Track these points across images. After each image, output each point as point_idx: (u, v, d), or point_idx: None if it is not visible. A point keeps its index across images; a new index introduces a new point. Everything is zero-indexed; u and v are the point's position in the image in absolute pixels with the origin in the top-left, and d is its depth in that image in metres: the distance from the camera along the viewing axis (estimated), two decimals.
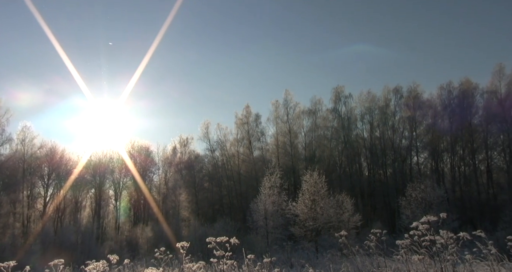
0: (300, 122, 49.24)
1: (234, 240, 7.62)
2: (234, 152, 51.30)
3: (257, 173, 45.63)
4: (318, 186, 28.36)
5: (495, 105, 42.56)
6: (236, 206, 48.26)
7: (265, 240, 29.08)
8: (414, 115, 45.90)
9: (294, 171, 46.72)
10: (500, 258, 6.90)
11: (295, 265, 18.90)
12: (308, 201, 28.03)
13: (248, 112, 50.46)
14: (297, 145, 49.31)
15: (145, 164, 50.80)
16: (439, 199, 30.33)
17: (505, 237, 8.01)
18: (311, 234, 27.83)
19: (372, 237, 8.49)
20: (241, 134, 50.75)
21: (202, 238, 20.88)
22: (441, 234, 6.63)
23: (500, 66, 43.20)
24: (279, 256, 20.80)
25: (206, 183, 52.83)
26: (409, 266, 7.07)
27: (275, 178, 31.21)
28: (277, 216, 29.92)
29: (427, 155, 47.46)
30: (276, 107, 49.17)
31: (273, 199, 30.07)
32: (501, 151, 42.93)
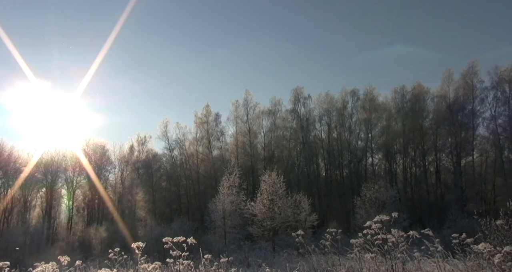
0: (260, 122, 49.58)
1: (191, 240, 7.59)
2: (193, 152, 50.87)
3: (216, 172, 45.49)
4: (277, 186, 28.62)
5: (444, 109, 44.62)
6: (194, 206, 47.86)
7: (223, 240, 29.04)
8: (370, 117, 47.35)
9: (253, 171, 46.95)
10: (445, 255, 7.28)
11: (252, 265, 19.00)
12: (266, 201, 28.23)
13: (208, 111, 50.20)
14: (256, 145, 49.59)
15: (100, 162, 49.32)
16: (392, 199, 31.43)
17: (450, 235, 8.44)
18: (268, 234, 28.05)
19: (327, 236, 8.68)
20: (201, 134, 50.44)
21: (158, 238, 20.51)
22: (392, 233, 6.91)
23: (449, 72, 45.39)
24: (237, 256, 20.80)
25: (164, 183, 52.06)
26: (362, 264, 7.31)
27: (234, 178, 31.24)
28: (235, 216, 29.96)
29: (381, 156, 49.11)
30: (236, 107, 49.25)
31: (232, 199, 30.09)
32: (449, 153, 45.05)
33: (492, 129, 43.74)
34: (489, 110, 44.05)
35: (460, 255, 7.39)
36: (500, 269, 5.81)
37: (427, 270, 7.30)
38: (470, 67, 44.30)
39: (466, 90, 44.00)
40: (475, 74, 44.15)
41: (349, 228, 34.41)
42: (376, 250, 7.02)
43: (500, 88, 43.28)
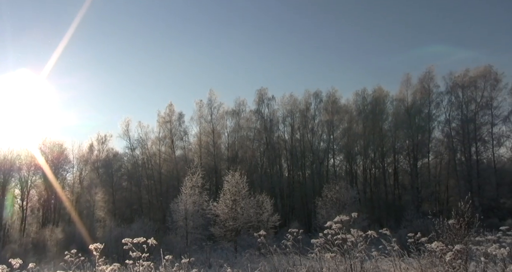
0: (224, 122, 49.50)
1: (152, 241, 7.46)
2: (155, 151, 50.06)
3: (179, 172, 44.97)
4: (240, 186, 28.65)
5: (402, 112, 46.19)
6: (155, 206, 47.10)
7: (185, 240, 28.74)
8: (332, 119, 48.25)
9: (216, 171, 46.76)
10: (401, 253, 7.55)
11: (214, 265, 18.92)
12: (229, 201, 28.19)
13: (171, 110, 49.53)
14: (220, 145, 49.43)
15: (58, 161, 47.56)
16: (352, 199, 32.16)
17: (406, 234, 8.76)
18: (230, 234, 28.03)
19: (289, 237, 8.77)
20: (164, 133, 49.70)
21: (118, 239, 20.04)
22: (352, 233, 7.08)
23: (408, 76, 47.04)
24: (198, 257, 20.65)
25: (125, 183, 50.94)
26: (322, 264, 7.45)
27: (196, 178, 30.98)
28: (198, 216, 29.73)
29: (343, 158, 50.15)
30: (200, 107, 48.88)
31: (194, 199, 29.83)
32: (406, 155, 46.64)
33: (446, 132, 45.75)
34: (444, 114, 46.09)
35: (415, 254, 7.66)
36: (451, 267, 6.09)
37: (384, 269, 7.53)
38: (427, 72, 46.14)
39: (423, 94, 45.73)
40: (431, 79, 46.02)
41: (311, 228, 34.91)
42: (336, 249, 7.16)
43: (454, 93, 45.30)
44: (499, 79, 43.88)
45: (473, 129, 43.79)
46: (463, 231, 7.15)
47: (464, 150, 44.19)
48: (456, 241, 6.78)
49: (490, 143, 44.09)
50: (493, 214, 38.06)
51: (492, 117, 43.98)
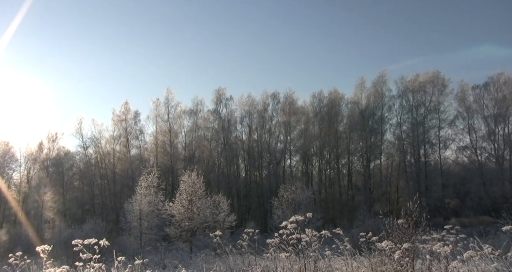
0: (181, 121, 48.93)
1: (104, 242, 7.25)
2: (109, 150, 48.66)
3: (134, 172, 43.99)
4: (196, 186, 28.40)
5: (357, 115, 47.56)
6: (109, 207, 45.78)
7: (139, 241, 28.15)
8: (289, 120, 48.86)
9: (173, 171, 46.14)
10: (353, 252, 7.78)
11: (168, 266, 18.66)
12: (185, 201, 27.88)
13: (126, 109, 48.29)
14: (177, 145, 48.81)
15: (3, 160, 45.18)
16: (307, 200, 32.73)
17: (358, 234, 9.03)
18: (186, 235, 27.72)
19: (245, 237, 8.80)
20: (118, 132, 48.41)
21: (68, 240, 19.33)
22: (306, 233, 7.21)
23: (362, 79, 48.52)
24: (152, 258, 20.27)
25: (76, 182, 49.21)
26: (277, 264, 7.53)
27: (152, 178, 30.43)
28: (153, 217, 29.20)
29: (299, 159, 50.95)
30: (157, 106, 48.05)
31: (149, 199, 29.28)
32: (360, 156, 48.08)
33: (397, 134, 47.59)
34: (395, 117, 47.93)
35: (366, 253, 7.91)
36: (399, 264, 6.35)
37: (336, 267, 7.72)
38: (380, 76, 47.81)
39: (376, 97, 47.30)
40: (384, 83, 47.70)
41: (267, 228, 35.21)
42: (291, 249, 7.26)
43: (405, 96, 47.24)
44: (446, 84, 46.28)
45: (422, 132, 45.83)
46: (411, 230, 7.46)
47: (414, 152, 46.14)
48: (404, 240, 7.06)
49: (437, 146, 46.34)
50: (438, 214, 40.05)
51: (439, 121, 46.27)
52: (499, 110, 43.52)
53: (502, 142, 43.23)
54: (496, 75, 44.91)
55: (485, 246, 5.86)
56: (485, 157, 44.97)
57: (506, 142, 42.92)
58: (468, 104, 45.63)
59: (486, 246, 5.84)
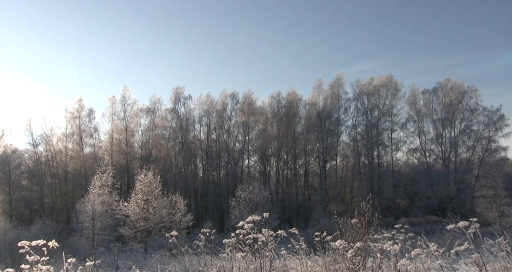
0: (138, 120, 47.85)
1: (53, 243, 6.98)
2: (61, 148, 46.73)
3: (87, 171, 42.56)
4: (152, 186, 27.86)
5: (314, 116, 48.47)
6: (59, 207, 44.00)
7: (91, 242, 27.25)
8: (248, 121, 49.02)
9: (129, 170, 45.09)
10: (308, 252, 7.94)
11: (122, 267, 18.26)
12: (140, 201, 27.30)
13: (80, 106, 46.57)
14: (133, 143, 47.71)
15: None
16: (264, 200, 32.97)
17: (313, 233, 9.22)
18: (141, 235, 27.16)
19: (201, 237, 8.76)
20: (71, 129, 46.62)
21: (13, 242, 18.41)
22: (263, 233, 7.29)
23: (319, 82, 49.57)
24: (105, 259, 19.74)
25: (25, 181, 46.92)
26: (233, 264, 7.56)
27: (107, 177, 29.55)
28: (106, 217, 28.36)
29: (257, 159, 51.19)
30: (113, 103, 46.68)
31: (103, 199, 28.40)
32: (317, 157, 49.03)
33: (353, 136, 48.98)
34: (351, 119, 49.34)
35: (321, 252, 8.10)
36: (351, 263, 6.56)
37: (291, 267, 7.85)
38: (337, 79, 49.03)
39: (333, 99, 48.45)
40: (341, 86, 48.99)
41: (224, 228, 35.18)
42: (247, 249, 7.31)
43: (361, 99, 48.76)
44: (399, 88, 48.24)
45: (375, 134, 47.44)
46: (364, 229, 7.72)
47: (368, 154, 47.65)
48: (357, 239, 7.30)
49: (389, 148, 48.13)
50: (389, 213, 41.65)
51: (392, 123, 48.11)
52: (446, 114, 45.80)
53: (448, 144, 45.51)
54: (444, 81, 47.31)
55: (431, 244, 6.17)
56: (433, 159, 47.18)
57: (452, 145, 45.23)
58: (418, 108, 47.71)
59: (432, 244, 6.15)
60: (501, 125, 44.34)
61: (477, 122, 45.68)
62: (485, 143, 44.51)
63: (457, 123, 45.78)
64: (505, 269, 5.88)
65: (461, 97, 45.88)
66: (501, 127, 44.35)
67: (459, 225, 5.32)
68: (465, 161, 44.99)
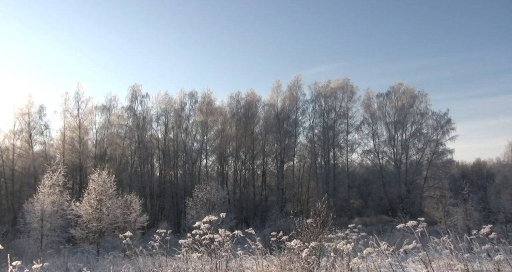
0: (93, 117, 46.28)
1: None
2: (8, 145, 44.39)
3: (37, 170, 40.71)
4: (107, 185, 27.09)
5: (272, 117, 48.91)
6: (5, 207, 41.73)
7: (39, 244, 26.08)
8: (206, 120, 48.72)
9: (81, 169, 43.55)
10: (264, 251, 8.02)
11: (72, 270, 17.61)
12: (94, 201, 26.46)
13: (30, 102, 44.35)
14: (87, 141, 46.12)
15: None
16: (222, 200, 32.88)
17: (270, 233, 9.31)
18: (93, 236, 26.32)
19: (156, 237, 8.65)
20: (20, 126, 44.36)
21: None
22: (219, 233, 7.29)
23: (278, 83, 50.12)
24: (54, 261, 18.93)
25: None
26: (188, 264, 7.51)
27: (58, 176, 28.40)
28: (56, 217, 27.25)
29: (215, 159, 50.97)
30: (66, 100, 44.83)
31: (54, 199, 27.28)
32: (274, 158, 49.49)
33: (310, 137, 49.87)
34: (308, 120, 50.22)
35: (277, 252, 8.19)
36: (306, 262, 6.68)
37: (247, 267, 7.89)
38: (296, 80, 49.80)
39: (291, 101, 49.12)
40: (299, 87, 49.76)
41: (180, 228, 34.77)
42: (203, 249, 7.29)
43: (318, 101, 49.76)
44: (354, 91, 49.68)
45: (332, 135, 48.54)
46: (319, 229, 7.89)
47: (324, 155, 48.65)
48: (312, 239, 7.45)
49: (345, 149, 49.39)
50: (344, 213, 42.76)
51: (347, 125, 49.42)
52: (398, 117, 47.61)
53: (400, 147, 47.33)
54: (397, 85, 49.18)
55: (382, 243, 6.43)
56: (386, 161, 48.90)
57: (403, 147, 47.08)
58: (372, 111, 49.31)
59: (383, 243, 6.41)
60: (448, 129, 46.71)
61: (427, 126, 47.90)
62: (433, 145, 46.66)
63: (408, 126, 47.70)
64: (448, 266, 6.21)
65: (412, 101, 47.85)
66: (448, 131, 46.71)
67: (408, 224, 5.57)
68: (415, 163, 46.91)
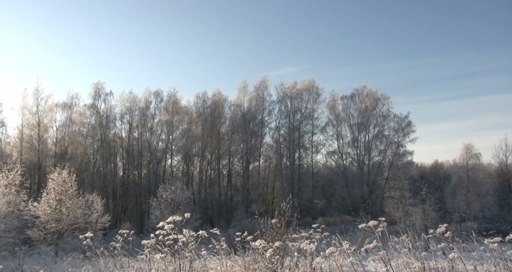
0: (53, 115, 44.68)
1: None
2: None
3: None
4: (67, 185, 26.24)
5: (239, 117, 48.93)
6: None
7: None
8: (172, 120, 48.14)
9: (40, 168, 42.03)
10: (229, 252, 8.02)
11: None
12: (53, 201, 25.56)
13: None
14: (46, 140, 44.49)
15: None
16: (187, 200, 32.54)
17: (235, 233, 9.32)
18: (52, 237, 25.44)
19: (118, 238, 8.48)
20: None
21: None
22: (183, 233, 7.23)
23: (245, 83, 50.19)
24: (8, 264, 18.17)
25: None
26: (151, 265, 7.40)
27: (14, 175, 27.23)
28: (12, 218, 26.12)
29: (180, 158, 50.44)
30: (24, 96, 43.05)
31: (9, 199, 26.10)
32: (240, 158, 49.51)
33: (275, 138, 50.26)
34: (274, 121, 50.60)
35: (241, 252, 8.22)
36: (270, 262, 6.74)
37: (211, 267, 7.87)
38: (262, 81, 50.06)
39: (258, 101, 49.32)
40: (265, 88, 50.03)
41: (143, 229, 34.19)
42: (167, 250, 7.21)
43: (284, 102, 50.21)
44: (320, 93, 50.48)
45: (297, 136, 49.08)
46: (283, 229, 7.97)
47: (289, 156, 49.12)
48: (276, 239, 7.52)
49: (310, 150, 50.07)
50: (308, 213, 43.36)
51: (313, 127, 50.14)
52: (362, 119, 48.75)
53: (363, 148, 48.45)
54: (361, 88, 50.35)
55: (344, 242, 6.57)
56: (349, 162, 49.90)
57: (366, 149, 48.23)
58: (337, 113, 50.25)
59: (345, 243, 6.55)
60: (409, 131, 48.27)
61: (388, 128, 49.29)
62: (394, 147, 48.08)
63: (371, 128, 48.92)
64: (406, 264, 6.43)
65: (375, 103, 49.12)
66: (408, 133, 48.27)
67: (370, 224, 5.73)
68: (377, 164, 48.15)
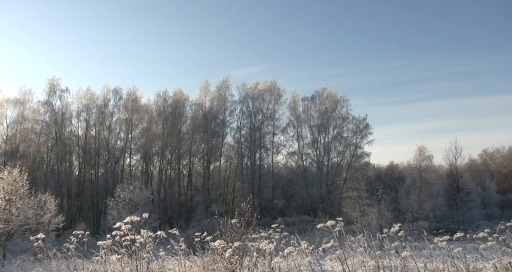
0: (3, 111, 42.63)
1: None
2: None
3: None
4: (18, 184, 25.03)
5: (200, 117, 48.56)
6: None
7: None
8: (131, 118, 47.09)
9: None
10: (188, 252, 7.95)
11: None
12: (2, 201, 24.33)
13: None
14: None
15: None
16: (145, 200, 31.89)
17: (194, 233, 9.25)
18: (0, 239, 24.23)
19: (72, 239, 8.20)
20: None
21: None
22: (141, 234, 7.10)
23: (207, 83, 49.91)
24: None
25: None
26: (107, 267, 7.21)
27: None
28: None
29: (140, 158, 49.40)
30: None
31: None
32: (201, 158, 49.14)
33: (237, 138, 50.27)
34: (236, 121, 50.61)
35: (200, 252, 8.16)
36: (229, 262, 6.74)
37: (169, 268, 7.77)
38: (224, 81, 49.97)
39: (219, 101, 49.16)
40: (227, 88, 49.96)
41: (99, 229, 33.25)
42: (124, 251, 7.05)
43: (246, 103, 50.33)
44: (281, 94, 51.03)
45: (258, 137, 49.33)
46: (243, 229, 7.98)
47: (250, 156, 49.28)
48: (236, 239, 7.52)
49: (270, 151, 50.46)
50: (268, 213, 43.65)
51: (274, 127, 50.60)
52: (322, 121, 49.67)
53: (322, 149, 49.37)
54: (321, 90, 51.31)
55: (303, 242, 6.68)
56: (309, 163, 50.68)
57: (325, 150, 49.17)
58: (298, 114, 50.96)
59: (303, 242, 6.65)
60: (366, 133, 49.61)
61: (347, 130, 50.45)
62: (352, 149, 49.31)
63: (331, 129, 49.92)
64: (361, 263, 6.61)
65: (335, 105, 50.17)
66: (366, 135, 49.61)
67: (327, 224, 5.85)
68: (336, 165, 49.19)
